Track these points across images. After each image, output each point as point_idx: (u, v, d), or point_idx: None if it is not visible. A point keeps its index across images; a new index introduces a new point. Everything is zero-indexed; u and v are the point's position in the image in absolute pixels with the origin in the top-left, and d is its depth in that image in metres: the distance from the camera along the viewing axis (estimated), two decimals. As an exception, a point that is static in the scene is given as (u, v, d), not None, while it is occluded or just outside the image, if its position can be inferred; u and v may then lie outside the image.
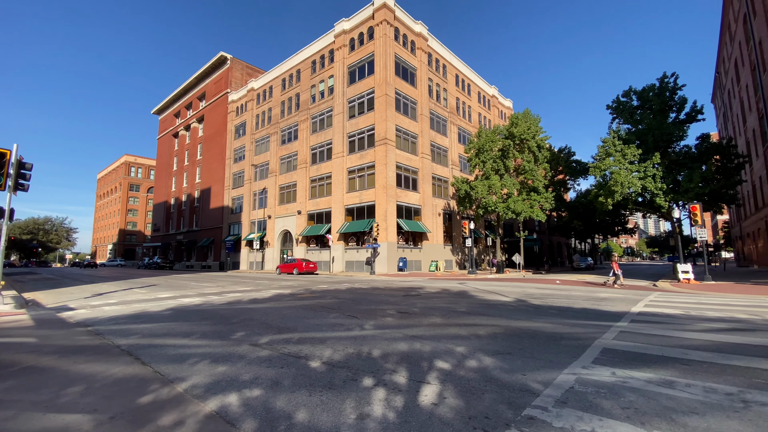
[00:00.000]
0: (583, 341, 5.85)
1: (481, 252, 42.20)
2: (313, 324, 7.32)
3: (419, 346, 5.41)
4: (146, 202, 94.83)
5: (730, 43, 35.78)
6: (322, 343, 5.64)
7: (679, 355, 4.96)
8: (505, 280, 22.96)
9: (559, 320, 7.86)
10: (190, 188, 56.84)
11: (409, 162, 33.39)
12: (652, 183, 22.43)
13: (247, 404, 3.38)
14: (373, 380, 3.94)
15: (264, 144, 44.41)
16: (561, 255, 63.87)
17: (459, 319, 7.91)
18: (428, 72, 37.19)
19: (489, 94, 49.51)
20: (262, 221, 41.96)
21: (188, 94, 60.97)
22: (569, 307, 10.11)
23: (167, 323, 7.69)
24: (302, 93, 39.82)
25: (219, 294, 13.89)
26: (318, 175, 36.54)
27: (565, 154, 36.17)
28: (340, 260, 32.91)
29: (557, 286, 18.18)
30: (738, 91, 34.51)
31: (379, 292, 14.22)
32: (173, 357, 5.00)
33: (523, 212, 30.68)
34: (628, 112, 26.27)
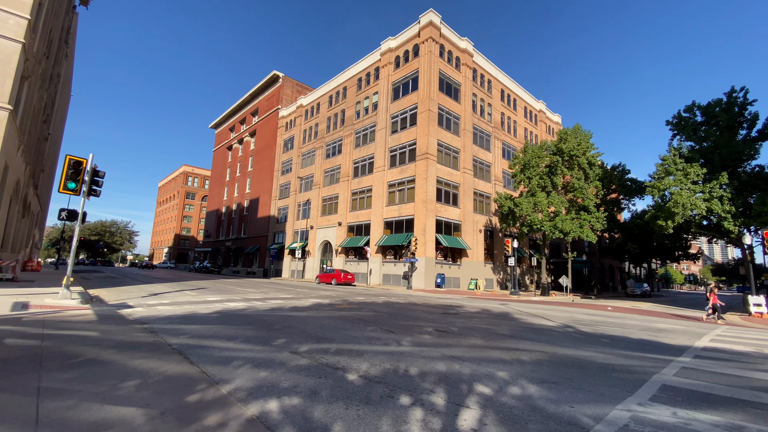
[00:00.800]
0: (639, 375, 5.39)
1: (525, 272, 40.49)
2: (351, 336, 7.36)
3: (458, 368, 5.26)
4: (200, 210, 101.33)
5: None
6: (359, 356, 5.65)
7: (749, 398, 4.43)
8: (550, 303, 21.81)
9: (611, 350, 7.32)
10: (240, 198, 60.03)
11: (450, 177, 33.10)
12: (718, 205, 20.53)
13: (287, 412, 3.45)
14: (410, 399, 3.87)
15: (310, 157, 46.10)
16: (613, 279, 59.67)
17: (501, 342, 7.60)
18: (473, 87, 36.99)
19: (536, 108, 48.20)
20: (305, 231, 43.26)
21: (243, 110, 65.05)
22: (623, 336, 9.39)
23: (214, 326, 8.07)
24: (347, 109, 41.08)
25: (262, 300, 14.39)
26: (359, 188, 37.21)
27: (619, 171, 34.07)
28: (378, 273, 32.99)
29: (609, 312, 16.99)
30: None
31: (416, 307, 14.05)
32: (219, 359, 5.23)
33: (571, 232, 29.15)
34: (691, 128, 24.44)
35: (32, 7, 13.07)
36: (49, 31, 18.86)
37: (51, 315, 8.21)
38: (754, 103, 23.07)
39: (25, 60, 13.64)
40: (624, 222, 44.19)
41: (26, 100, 15.76)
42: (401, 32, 35.94)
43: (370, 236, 34.29)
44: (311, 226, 42.25)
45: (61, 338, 6.07)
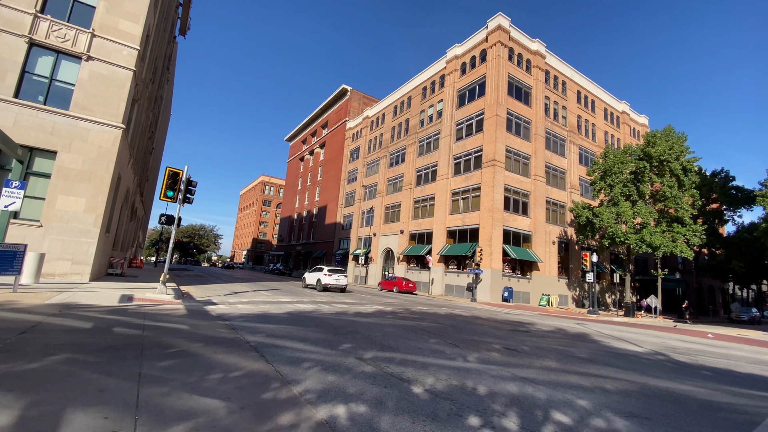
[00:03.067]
0: (750, 416, 4.56)
1: (605, 289, 36.86)
2: (414, 347, 7.28)
3: (531, 391, 4.90)
4: (275, 216, 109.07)
5: None
6: (424, 369, 5.55)
7: None
8: (635, 325, 19.55)
9: (714, 385, 6.31)
10: (310, 205, 63.44)
11: (519, 184, 31.53)
12: None
13: (354, 419, 3.49)
14: (479, 420, 3.69)
15: (374, 166, 47.22)
16: (713, 302, 51.76)
17: (579, 366, 6.96)
18: (545, 90, 35.04)
19: (618, 110, 44.09)
20: (368, 238, 44.20)
21: (314, 123, 69.03)
22: (729, 369, 8.05)
23: (286, 326, 8.54)
24: (411, 118, 41.40)
25: (328, 304, 14.93)
26: (422, 196, 37.09)
27: (722, 178, 29.67)
28: (440, 283, 32.41)
29: (709, 341, 14.74)
30: None
31: (481, 322, 13.50)
32: (290, 359, 5.50)
33: (662, 246, 25.96)
34: (822, 126, 20.44)
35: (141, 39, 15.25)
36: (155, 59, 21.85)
37: (150, 308, 9.35)
38: None
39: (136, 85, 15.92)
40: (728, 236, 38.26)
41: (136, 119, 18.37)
42: (468, 38, 35.41)
43: (432, 245, 33.91)
44: (374, 233, 43.05)
45: (158, 329, 6.86)
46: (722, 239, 36.15)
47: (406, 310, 15.33)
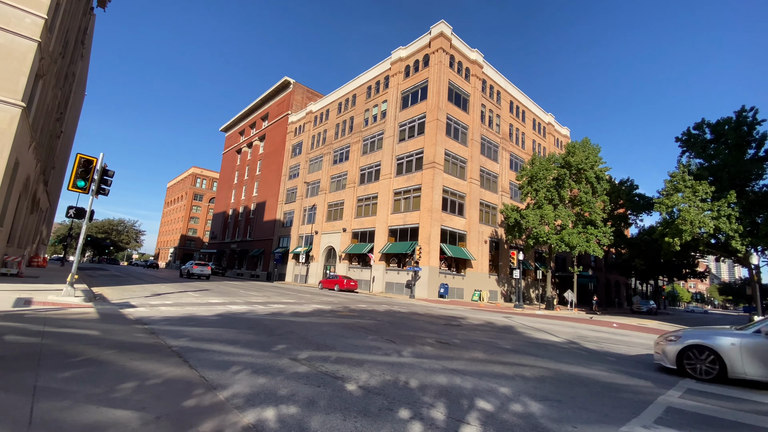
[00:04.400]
0: (645, 396, 5.26)
1: (529, 285, 40.08)
2: (351, 344, 7.29)
3: (459, 381, 5.17)
4: (207, 212, 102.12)
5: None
6: (359, 366, 5.59)
7: (755, 422, 4.31)
8: (555, 317, 21.53)
9: (616, 369, 7.18)
10: (247, 201, 60.44)
11: (457, 186, 33.05)
12: (726, 224, 20.25)
13: (283, 421, 3.40)
14: (409, 412, 3.81)
15: (317, 163, 46.37)
16: (619, 295, 58.83)
17: (503, 356, 7.49)
18: (482, 98, 37.10)
19: (545, 121, 48.16)
20: (309, 236, 43.32)
21: (253, 114, 65.82)
22: (629, 355, 9.21)
23: (215, 329, 8.05)
24: (356, 116, 41.36)
25: (264, 304, 14.37)
26: (365, 195, 37.26)
27: (627, 187, 33.78)
28: (381, 280, 32.85)
29: (614, 329, 16.72)
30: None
31: (418, 317, 13.93)
32: (218, 363, 5.20)
33: (578, 246, 28.88)
34: (700, 145, 24.26)
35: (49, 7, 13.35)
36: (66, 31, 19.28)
37: (53, 312, 8.25)
38: (762, 123, 22.88)
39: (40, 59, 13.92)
40: (631, 237, 43.73)
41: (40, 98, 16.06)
42: (412, 42, 36.25)
43: (374, 243, 34.23)
44: (316, 231, 42.32)
45: (61, 336, 6.08)
46: (627, 240, 41.19)
47: (345, 308, 15.30)
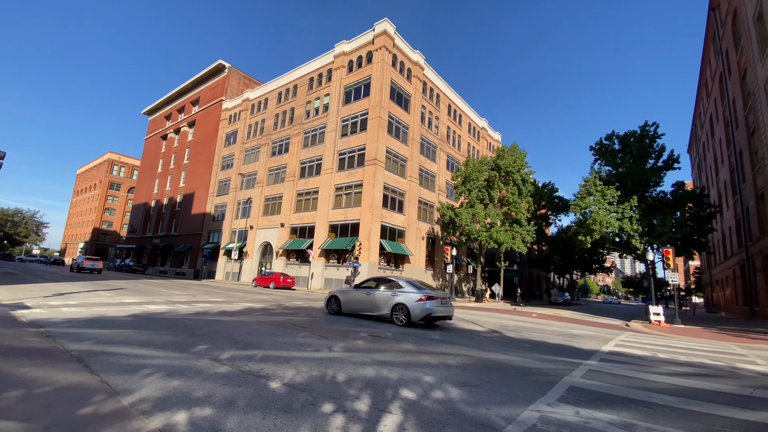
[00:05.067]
0: (552, 377, 5.81)
1: (462, 279, 42.26)
2: (281, 342, 7.08)
3: (386, 373, 5.27)
4: (125, 203, 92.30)
5: (706, 98, 38.00)
6: (286, 363, 5.44)
7: (642, 398, 4.96)
8: (482, 309, 22.93)
9: (531, 354, 7.83)
10: (173, 192, 55.74)
11: (397, 184, 33.67)
12: (628, 225, 23.12)
13: (195, 423, 3.19)
14: (333, 406, 3.79)
15: (254, 154, 44.20)
16: (540, 288, 64.47)
17: (432, 346, 7.79)
18: (422, 99, 38.13)
19: (479, 126, 50.92)
20: (244, 231, 41.24)
21: (182, 97, 60.73)
22: (543, 341, 10.11)
23: (126, 330, 7.33)
24: (297, 108, 40.13)
25: (188, 303, 13.39)
26: (305, 189, 36.40)
27: (549, 189, 37.08)
28: (320, 277, 32.39)
29: (533, 319, 18.24)
30: (712, 145, 36.42)
31: (354, 312, 13.95)
32: (125, 367, 4.73)
33: (505, 243, 31.05)
34: (609, 154, 27.30)
35: None
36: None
37: None
38: (662, 137, 26.45)
39: None
40: (551, 236, 48.05)
41: None
42: (356, 37, 36.04)
43: (313, 239, 33.61)
44: (251, 226, 40.41)
45: None
46: (547, 238, 45.21)
47: (279, 305, 14.83)
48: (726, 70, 27.68)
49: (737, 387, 5.92)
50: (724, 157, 31.40)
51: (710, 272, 46.49)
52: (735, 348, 11.28)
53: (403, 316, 10.68)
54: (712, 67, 33.44)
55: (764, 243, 21.88)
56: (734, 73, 25.66)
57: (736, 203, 28.34)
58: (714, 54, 31.57)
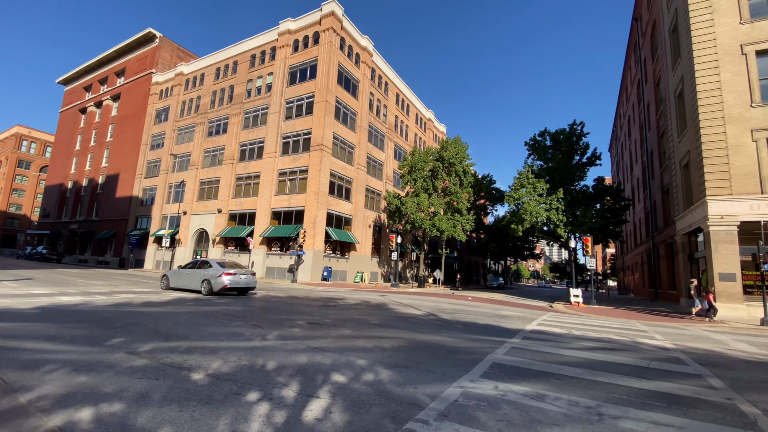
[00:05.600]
0: (478, 356, 6.19)
1: (406, 266, 43.35)
2: (210, 332, 6.75)
3: (320, 359, 5.26)
4: (37, 183, 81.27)
5: (626, 102, 42.17)
6: (213, 354, 5.20)
7: (555, 371, 5.48)
8: (423, 294, 23.76)
9: (461, 335, 8.27)
10: (94, 172, 50.11)
11: (344, 171, 33.33)
12: (555, 215, 25.16)
13: (101, 420, 2.95)
14: (258, 394, 3.70)
15: (188, 133, 41.02)
16: (477, 274, 68.27)
17: (369, 331, 7.91)
18: (370, 86, 37.84)
19: (426, 117, 51.88)
20: (176, 217, 38.41)
21: (105, 67, 54.26)
22: (474, 322, 10.73)
23: (31, 323, 6.53)
24: (237, 86, 37.78)
25: (108, 294, 12.25)
26: (245, 173, 34.65)
27: (487, 181, 39.06)
28: (261, 265, 31.30)
29: (469, 302, 19.29)
30: (629, 145, 40.65)
31: (295, 301, 13.73)
32: (26, 363, 4.23)
33: (446, 231, 32.30)
34: (542, 150, 29.33)
35: None
36: None
37: None
38: (587, 135, 28.93)
39: None
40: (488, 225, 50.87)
41: None
42: (302, 16, 34.56)
43: (254, 226, 32.26)
44: (184, 211, 37.73)
45: None
46: (485, 227, 47.82)
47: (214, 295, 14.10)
48: (643, 76, 30.83)
49: (637, 359, 6.76)
50: (638, 156, 35.24)
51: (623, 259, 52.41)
52: (639, 325, 12.87)
53: (209, 288, 13.83)
54: (632, 73, 37.06)
55: (667, 233, 25.05)
56: (650, 79, 28.67)
57: (645, 198, 32.08)
58: (634, 61, 34.98)
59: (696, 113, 17.68)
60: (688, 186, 20.06)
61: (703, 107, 17.30)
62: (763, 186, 15.95)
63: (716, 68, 17.33)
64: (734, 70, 17.05)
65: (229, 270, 14.01)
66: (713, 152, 16.88)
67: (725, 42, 17.40)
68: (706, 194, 16.80)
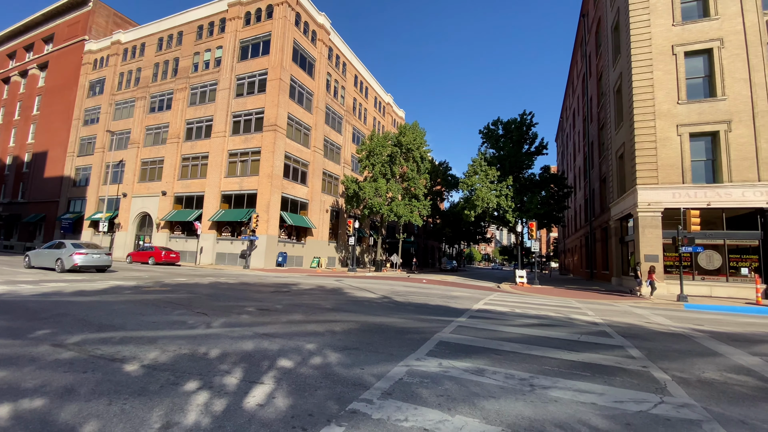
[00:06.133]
0: (426, 335, 6.43)
1: (364, 251, 43.57)
2: (149, 321, 6.40)
3: (267, 345, 5.19)
4: (-60, 159, 71.08)
5: (572, 95, 44.59)
6: (150, 344, 4.94)
7: (495, 347, 5.83)
8: (380, 278, 24.09)
9: (413, 316, 8.53)
10: (19, 149, 44.74)
11: (300, 154, 32.43)
12: (505, 201, 26.38)
13: (20, 417, 2.72)
14: (198, 383, 3.58)
15: (127, 108, 37.68)
16: (433, 257, 70.32)
17: (321, 315, 7.91)
18: (327, 66, 36.78)
19: (385, 101, 51.55)
20: (115, 199, 35.52)
21: (31, 32, 47.89)
22: (426, 304, 11.09)
23: (-69, 319, 5.80)
24: (182, 59, 35.08)
25: (36, 283, 11.17)
26: (192, 153, 32.63)
27: (444, 168, 39.96)
28: (210, 251, 29.97)
29: (423, 284, 19.86)
30: (573, 136, 43.22)
31: (246, 287, 13.36)
32: None
33: (404, 216, 32.76)
34: (494, 138, 30.39)
35: None
36: None
37: None
38: (536, 125, 30.35)
39: None
40: (444, 210, 52.33)
41: None
42: (255, -13, 32.57)
43: (203, 210, 30.66)
44: (124, 193, 34.98)
45: None
46: (440, 212, 49.15)
47: (157, 283, 13.35)
48: (588, 71, 32.68)
49: (569, 334, 7.35)
50: (580, 147, 37.61)
51: (564, 242, 56.37)
52: (574, 302, 13.99)
53: (62, 266, 15.66)
54: (578, 67, 39.12)
55: (603, 218, 27.20)
56: (594, 74, 30.46)
57: (586, 186, 34.47)
58: (581, 56, 36.91)
59: (631, 108, 19.12)
60: (622, 175, 21.81)
61: (638, 102, 18.73)
62: (684, 176, 17.73)
63: (650, 66, 18.74)
64: (665, 69, 18.55)
65: (81, 250, 15.94)
66: (644, 145, 18.41)
67: (659, 42, 18.82)
68: (637, 183, 18.38)
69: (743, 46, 17.52)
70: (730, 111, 17.32)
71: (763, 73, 17.08)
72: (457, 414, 3.22)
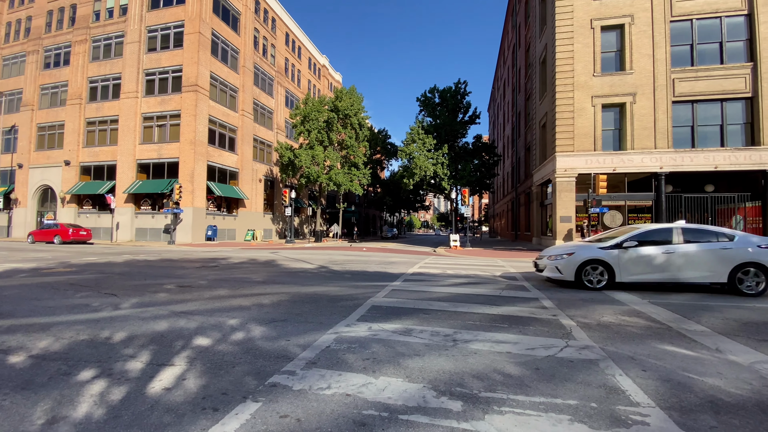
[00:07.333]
0: (359, 301, 6.47)
1: (303, 222, 42.61)
2: (45, 306, 5.62)
3: (183, 323, 4.82)
4: None
5: (503, 66, 46.14)
6: (43, 331, 4.34)
7: (424, 307, 6.06)
8: (319, 248, 23.84)
9: (348, 283, 8.54)
10: None
11: (226, 118, 29.95)
12: (441, 169, 27.13)
13: None
14: (95, 372, 3.21)
15: (16, 65, 31.50)
16: (375, 226, 71.28)
17: (249, 289, 7.58)
18: (254, 21, 33.68)
19: (320, 63, 49.05)
20: (9, 171, 30.27)
21: None
22: (363, 271, 11.19)
23: None
24: (81, 6, 29.75)
25: None
26: (99, 116, 28.58)
27: (383, 136, 39.73)
28: (128, 227, 27.19)
29: (363, 252, 20.04)
30: (503, 106, 45.17)
31: (168, 264, 12.37)
32: None
33: (343, 185, 32.29)
34: (431, 107, 30.64)
35: None
36: None
37: None
38: (469, 94, 31.05)
39: None
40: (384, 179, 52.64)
41: None
42: None
43: (116, 181, 27.42)
44: (20, 164, 29.94)
45: None
46: (381, 181, 49.35)
47: (61, 263, 11.81)
48: (518, 42, 33.80)
49: (492, 290, 7.87)
50: (509, 117, 39.52)
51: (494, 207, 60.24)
52: (500, 262, 15.07)
53: None
54: (509, 38, 40.29)
55: (527, 185, 29.27)
56: (522, 45, 31.58)
57: (513, 154, 36.59)
58: (512, 26, 37.95)
59: (554, 79, 20.28)
60: (544, 144, 23.44)
61: (559, 74, 19.90)
62: (596, 144, 19.51)
63: (571, 39, 19.85)
64: (584, 42, 19.78)
65: None
66: (564, 114, 19.80)
67: (580, 15, 19.89)
68: (556, 151, 19.88)
69: (650, 23, 19.19)
70: (636, 84, 19.16)
71: (665, 49, 18.98)
72: (381, 376, 3.25)
